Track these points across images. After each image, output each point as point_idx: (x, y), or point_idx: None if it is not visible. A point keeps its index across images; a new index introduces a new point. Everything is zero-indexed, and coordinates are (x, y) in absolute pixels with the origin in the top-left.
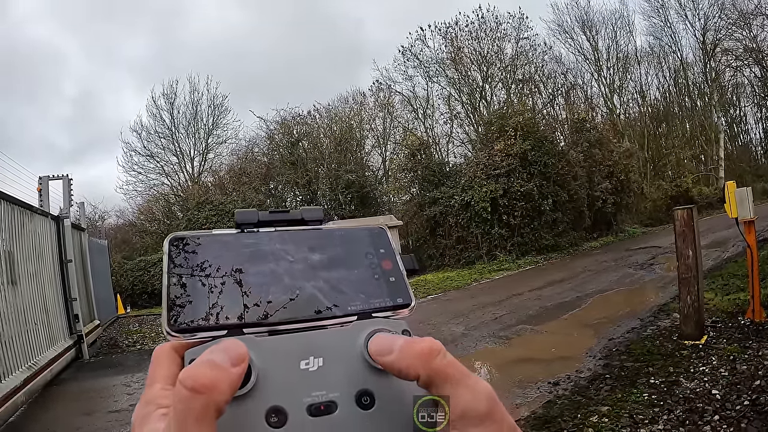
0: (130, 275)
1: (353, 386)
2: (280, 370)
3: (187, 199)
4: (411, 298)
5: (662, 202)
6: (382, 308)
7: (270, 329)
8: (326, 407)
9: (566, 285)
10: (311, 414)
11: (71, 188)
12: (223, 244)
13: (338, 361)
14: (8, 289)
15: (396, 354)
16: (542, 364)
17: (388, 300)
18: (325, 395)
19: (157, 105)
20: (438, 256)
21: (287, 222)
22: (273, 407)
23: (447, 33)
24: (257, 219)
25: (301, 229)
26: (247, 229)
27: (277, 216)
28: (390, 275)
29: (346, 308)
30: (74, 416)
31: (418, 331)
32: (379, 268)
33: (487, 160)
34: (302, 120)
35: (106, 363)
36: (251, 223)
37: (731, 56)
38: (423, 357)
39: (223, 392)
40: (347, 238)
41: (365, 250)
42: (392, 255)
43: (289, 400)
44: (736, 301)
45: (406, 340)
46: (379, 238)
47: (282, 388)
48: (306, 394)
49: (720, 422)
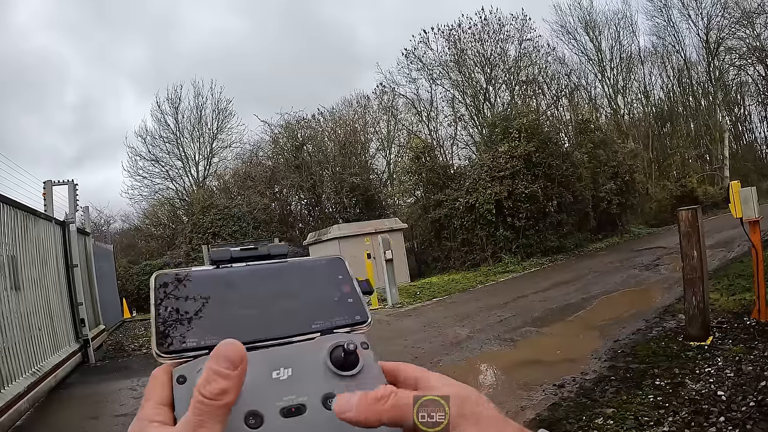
0: (135, 279)
1: (319, 390)
2: (255, 380)
3: (192, 204)
4: (368, 316)
5: (667, 203)
6: (343, 326)
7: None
8: (297, 409)
9: (571, 286)
10: (284, 415)
11: (77, 193)
12: (201, 278)
13: (305, 370)
14: (12, 295)
15: (354, 411)
16: (547, 366)
17: (347, 318)
18: (295, 399)
19: (162, 110)
20: (443, 258)
21: (256, 258)
22: (250, 411)
23: (450, 35)
24: (230, 256)
25: (268, 262)
26: (222, 265)
27: (248, 252)
28: (348, 297)
29: (310, 326)
30: (80, 420)
31: (424, 334)
32: (339, 291)
33: (491, 162)
34: (306, 124)
35: (112, 367)
36: (225, 260)
37: (735, 55)
38: (372, 408)
39: (232, 394)
40: (309, 267)
41: (325, 277)
42: (350, 280)
43: (264, 405)
44: (741, 301)
45: (360, 396)
46: (338, 266)
47: (257, 395)
48: (278, 398)
49: (725, 424)
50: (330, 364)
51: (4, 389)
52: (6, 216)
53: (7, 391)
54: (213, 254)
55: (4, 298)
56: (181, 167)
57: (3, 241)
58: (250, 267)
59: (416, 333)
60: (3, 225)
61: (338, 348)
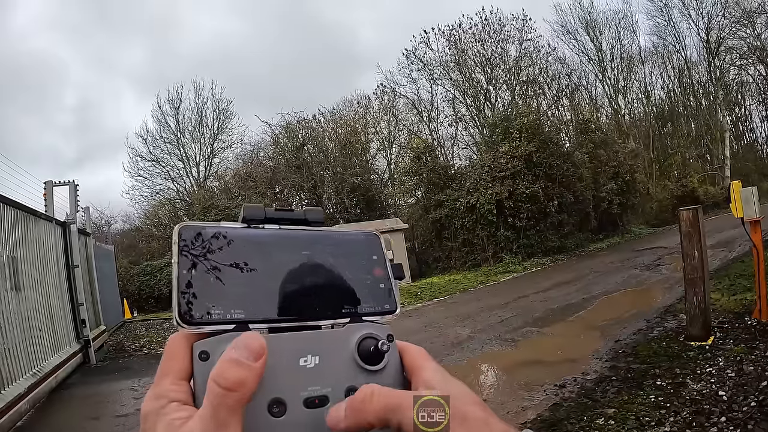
0: (136, 280)
1: (343, 383)
2: (282, 366)
3: (193, 204)
4: (397, 305)
5: (668, 203)
6: (371, 313)
7: (271, 326)
8: (320, 401)
9: (572, 286)
10: (307, 406)
11: (77, 194)
12: (231, 237)
13: (332, 360)
14: (12, 295)
15: (344, 420)
16: (548, 366)
17: (376, 305)
18: (319, 390)
19: (163, 110)
20: (444, 258)
21: (291, 221)
22: (275, 399)
23: (450, 35)
24: (264, 215)
25: (303, 229)
26: (253, 225)
27: (283, 214)
28: (380, 282)
29: (340, 310)
30: (81, 420)
31: (425, 335)
32: (371, 274)
33: (492, 163)
34: (307, 124)
35: (113, 368)
36: (258, 219)
37: (735, 54)
38: (358, 411)
39: (250, 387)
40: (344, 241)
41: (360, 255)
42: (383, 262)
43: (289, 393)
44: (742, 301)
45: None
46: (374, 244)
47: (283, 382)
48: (303, 388)
49: (727, 424)
50: (357, 357)
51: (4, 390)
52: (6, 216)
53: (7, 392)
54: (246, 211)
55: (4, 298)
56: (182, 168)
57: (3, 241)
58: (284, 231)
59: (417, 333)
60: (3, 225)
61: (366, 340)
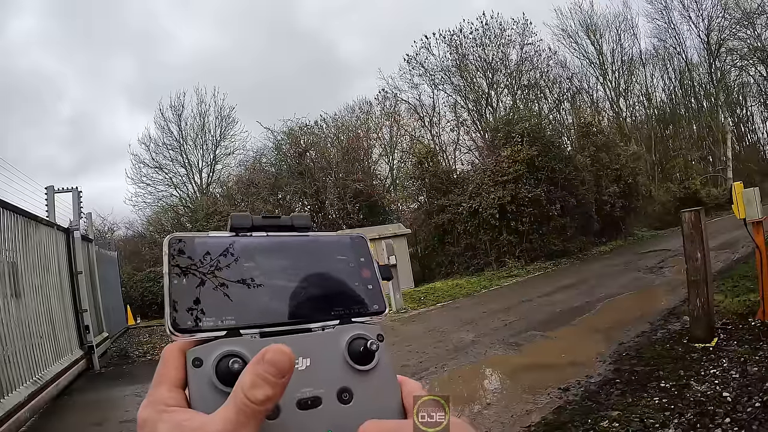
0: (139, 286)
1: (335, 384)
2: None
3: (196, 210)
4: (385, 305)
5: (671, 205)
6: (361, 314)
7: (262, 331)
8: (312, 402)
9: (576, 290)
10: (300, 407)
11: (81, 200)
12: (220, 246)
13: (323, 362)
14: (11, 302)
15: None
16: (552, 369)
17: (366, 306)
18: (311, 391)
19: (165, 117)
20: (447, 263)
21: (278, 227)
22: None
23: (452, 40)
24: (251, 223)
25: (290, 235)
26: (241, 233)
27: (269, 221)
28: (368, 283)
29: (329, 312)
30: (85, 426)
31: (429, 339)
32: (359, 276)
33: (494, 167)
34: (309, 130)
35: (117, 374)
36: (245, 227)
37: (736, 56)
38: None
39: (276, 400)
40: (331, 245)
41: (347, 258)
42: (371, 264)
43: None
44: (746, 302)
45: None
46: (360, 246)
47: None
48: (296, 390)
49: (731, 425)
50: (348, 358)
51: (3, 399)
52: (5, 221)
53: (6, 401)
54: (234, 220)
55: (4, 305)
56: (184, 174)
57: (3, 247)
58: (271, 238)
59: (421, 338)
60: (2, 230)
61: (356, 341)
